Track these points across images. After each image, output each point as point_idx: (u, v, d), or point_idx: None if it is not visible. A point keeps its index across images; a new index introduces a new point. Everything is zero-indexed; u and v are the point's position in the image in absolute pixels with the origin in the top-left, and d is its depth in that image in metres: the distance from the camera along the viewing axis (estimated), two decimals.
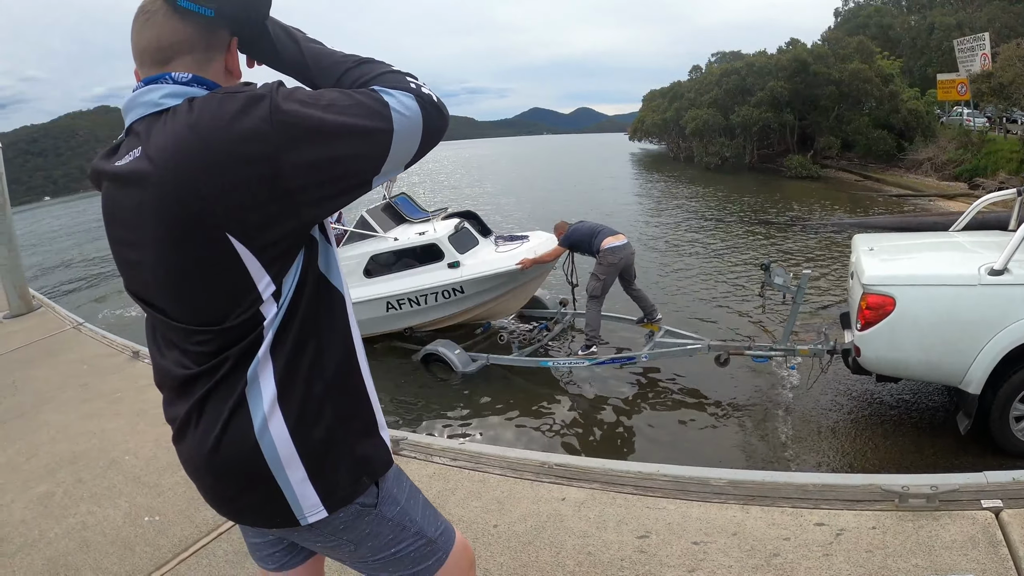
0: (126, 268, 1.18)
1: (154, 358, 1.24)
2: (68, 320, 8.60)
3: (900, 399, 5.94)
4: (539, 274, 8.56)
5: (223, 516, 1.34)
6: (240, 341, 1.09)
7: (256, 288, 1.06)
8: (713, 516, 2.74)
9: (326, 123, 1.00)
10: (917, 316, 4.48)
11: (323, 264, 1.16)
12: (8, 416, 5.15)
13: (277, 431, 1.11)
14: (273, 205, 1.01)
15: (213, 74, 1.14)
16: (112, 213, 1.15)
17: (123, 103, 1.14)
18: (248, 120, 0.98)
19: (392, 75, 1.11)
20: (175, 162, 1.00)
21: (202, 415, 1.13)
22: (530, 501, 3.03)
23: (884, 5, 49.88)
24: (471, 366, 7.37)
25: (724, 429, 5.90)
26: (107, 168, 1.12)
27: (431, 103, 1.09)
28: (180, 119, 1.02)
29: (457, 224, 8.65)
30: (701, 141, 38.16)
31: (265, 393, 1.10)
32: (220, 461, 1.14)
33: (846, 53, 33.30)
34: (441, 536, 1.40)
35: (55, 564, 3.01)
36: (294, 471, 1.13)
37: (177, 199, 1.01)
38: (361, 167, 1.06)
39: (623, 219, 18.89)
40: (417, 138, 1.09)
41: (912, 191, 22.89)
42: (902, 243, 5.97)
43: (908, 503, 2.64)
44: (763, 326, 8.50)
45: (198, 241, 1.02)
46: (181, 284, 1.08)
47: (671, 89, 49.58)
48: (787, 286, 5.96)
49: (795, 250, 13.78)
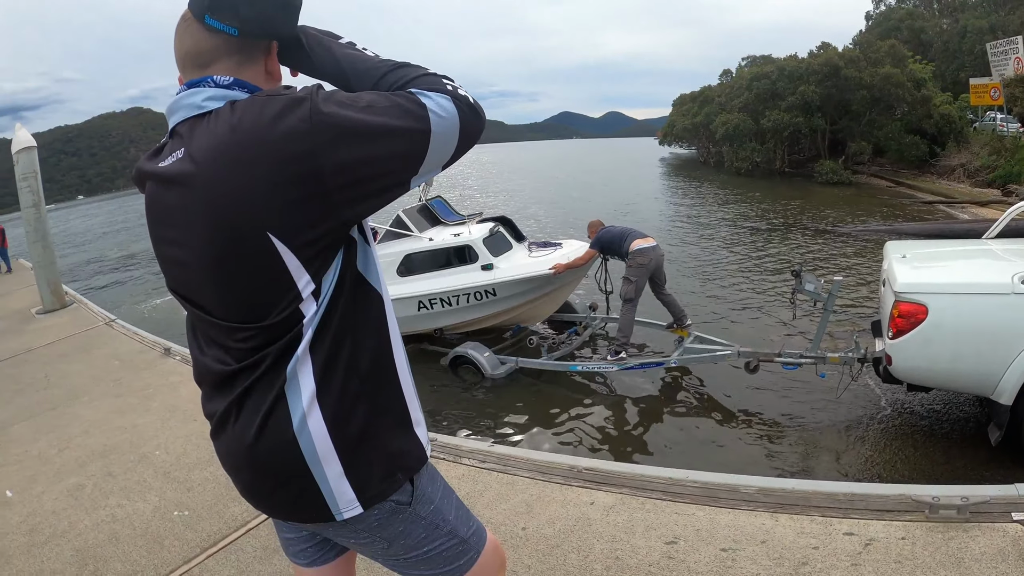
0: (169, 266, 1.20)
1: (194, 355, 1.26)
2: (100, 316, 8.77)
3: (931, 409, 5.84)
4: (572, 280, 8.51)
5: (259, 510, 1.36)
6: (280, 338, 1.10)
7: (296, 286, 1.07)
8: (742, 523, 2.71)
9: (365, 124, 1.02)
10: (949, 325, 4.40)
11: (361, 264, 1.18)
12: (40, 409, 5.27)
13: (315, 426, 1.12)
14: (313, 205, 1.03)
15: (252, 76, 1.16)
16: (156, 212, 1.17)
17: (166, 106, 1.17)
18: (289, 122, 1.00)
19: (429, 78, 1.12)
20: (218, 163, 1.03)
21: (241, 410, 1.15)
22: (558, 504, 3.02)
23: (916, 8, 49.10)
24: (500, 369, 7.36)
25: (753, 436, 5.83)
26: (151, 169, 1.15)
27: (467, 105, 1.10)
28: (222, 121, 1.05)
29: (492, 228, 8.64)
30: (731, 146, 37.79)
31: (304, 389, 1.11)
32: (258, 455, 1.15)
33: (878, 57, 32.81)
34: (473, 536, 1.40)
35: (84, 555, 3.06)
36: (331, 466, 1.15)
37: (219, 199, 1.03)
38: (399, 167, 1.07)
39: (654, 224, 18.84)
40: (454, 139, 1.10)
41: (944, 197, 22.47)
42: (935, 250, 5.87)
43: (938, 514, 2.59)
44: (794, 333, 8.41)
45: (240, 240, 1.04)
46: (223, 282, 1.10)
47: (701, 93, 49.23)
48: (818, 293, 5.89)
49: (826, 256, 13.61)
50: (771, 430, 5.89)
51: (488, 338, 8.59)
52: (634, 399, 6.87)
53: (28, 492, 3.82)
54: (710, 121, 40.79)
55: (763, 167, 36.38)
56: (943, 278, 4.68)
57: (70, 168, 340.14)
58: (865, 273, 11.57)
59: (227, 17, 1.08)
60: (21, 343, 7.86)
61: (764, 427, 5.96)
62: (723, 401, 6.57)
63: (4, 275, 16.55)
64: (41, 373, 6.37)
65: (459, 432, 6.35)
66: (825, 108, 33.76)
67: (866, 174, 31.25)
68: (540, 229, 19.34)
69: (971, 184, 24.65)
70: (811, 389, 6.47)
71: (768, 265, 13.14)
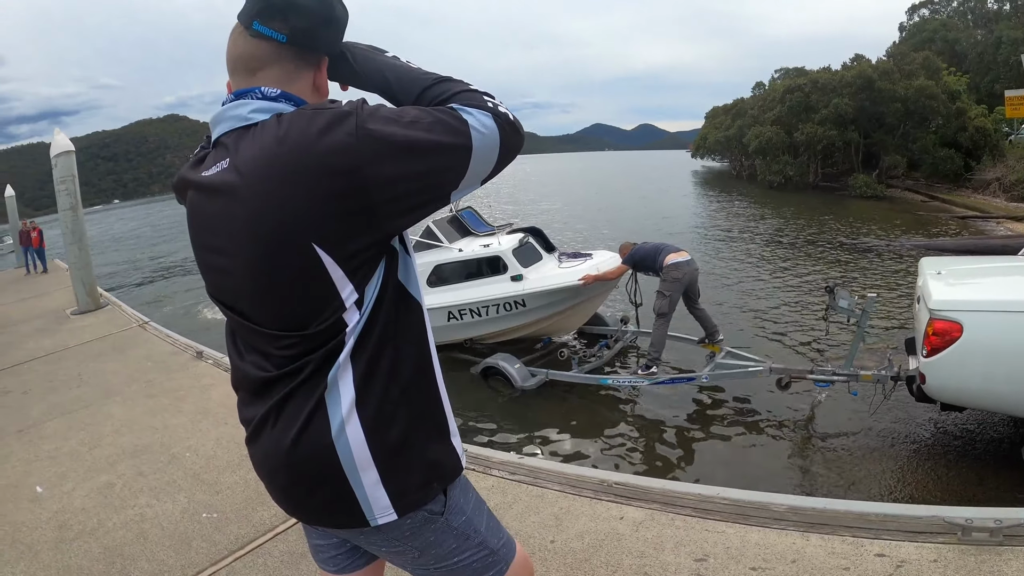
0: (211, 274, 1.22)
1: (233, 361, 1.28)
2: (134, 318, 8.93)
3: (964, 429, 5.73)
4: (601, 292, 8.50)
5: (292, 516, 1.37)
6: (322, 347, 1.11)
7: (340, 296, 1.08)
8: (772, 542, 2.67)
9: (409, 140, 1.03)
10: (985, 343, 4.32)
11: (402, 274, 1.19)
12: (75, 406, 5.37)
13: (354, 434, 1.13)
14: (357, 217, 1.04)
15: (300, 89, 1.18)
16: (199, 221, 1.20)
17: (211, 116, 1.20)
18: (335, 135, 1.02)
19: (470, 94, 1.13)
20: (263, 174, 1.04)
21: (280, 416, 1.16)
22: (588, 518, 3.00)
23: (949, 19, 48.18)
24: (530, 381, 7.35)
25: (784, 453, 5.77)
26: (194, 178, 1.17)
27: (507, 121, 1.12)
28: (269, 133, 1.06)
29: (522, 239, 8.65)
30: (764, 159, 37.50)
31: (344, 397, 1.12)
32: (295, 460, 1.16)
33: (911, 69, 32.41)
34: (503, 547, 1.40)
35: (112, 553, 3.10)
36: (367, 474, 1.15)
37: (265, 210, 1.05)
38: (440, 182, 1.09)
39: (686, 238, 18.85)
40: (494, 155, 1.12)
41: (980, 212, 22.09)
42: (970, 267, 5.78)
43: (971, 536, 2.53)
44: (826, 350, 8.29)
45: (285, 251, 1.06)
46: (267, 291, 1.11)
47: (734, 106, 49.02)
48: (852, 310, 5.82)
49: (859, 272, 13.45)
50: (802, 448, 5.83)
51: (519, 348, 8.59)
52: (664, 414, 6.83)
53: (58, 488, 3.88)
54: (743, 134, 40.58)
55: (796, 181, 36.05)
56: (978, 295, 4.61)
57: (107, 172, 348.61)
58: (899, 289, 11.41)
59: (276, 24, 1.10)
60: (56, 342, 8.02)
61: (795, 444, 5.90)
62: (753, 418, 6.51)
63: (40, 275, 16.93)
64: (75, 372, 6.49)
65: (489, 443, 6.35)
66: (859, 121, 33.40)
67: (900, 188, 30.87)
68: (573, 240, 19.37)
69: (1007, 199, 24.22)
70: (843, 407, 6.38)
71: (801, 280, 13.03)
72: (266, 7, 1.10)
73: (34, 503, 3.73)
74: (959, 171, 29.58)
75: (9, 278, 17.62)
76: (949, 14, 49.51)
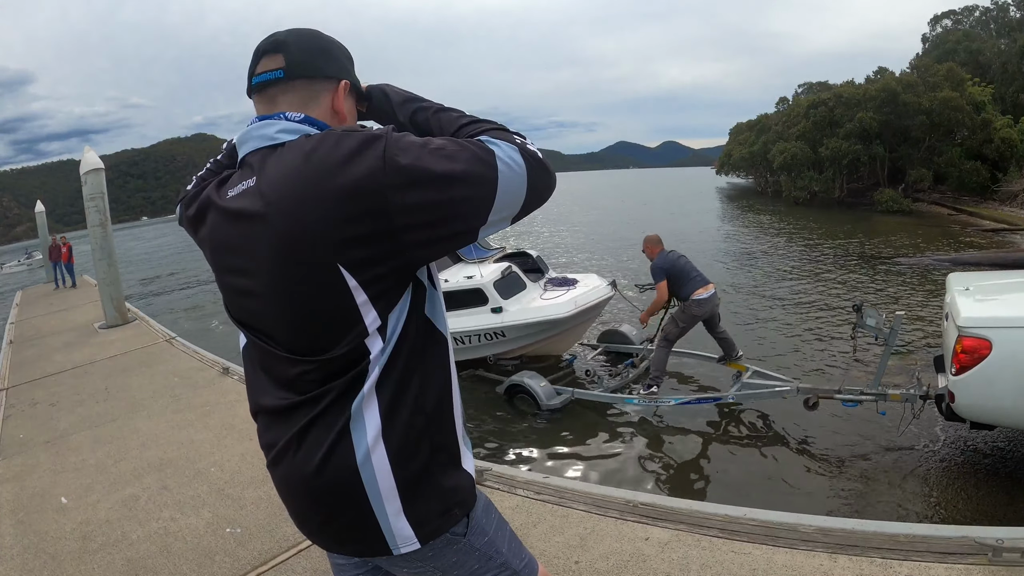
0: (233, 295, 1.22)
1: (251, 385, 1.28)
2: (161, 333, 9.05)
3: (994, 447, 5.62)
4: (587, 320, 8.77)
5: (313, 543, 1.37)
6: (344, 374, 1.11)
7: (363, 321, 1.08)
8: (800, 564, 2.62)
9: (435, 167, 1.03)
10: (1014, 360, 4.24)
11: (429, 309, 1.20)
12: (101, 420, 5.44)
13: (379, 463, 1.13)
14: (381, 242, 1.04)
15: (320, 114, 1.20)
16: (221, 242, 1.20)
17: (236, 136, 1.22)
18: (363, 159, 1.02)
19: (500, 131, 1.15)
20: (289, 195, 1.05)
21: (303, 443, 1.15)
22: (613, 539, 2.97)
23: (972, 29, 47.52)
24: (556, 400, 7.33)
25: (811, 473, 5.68)
26: (219, 199, 1.18)
27: (535, 159, 1.12)
28: (295, 154, 1.08)
29: (504, 269, 8.87)
30: (789, 175, 37.24)
31: (369, 427, 1.12)
32: (319, 488, 1.16)
33: (936, 81, 32.04)
34: (525, 568, 1.38)
35: (135, 565, 3.12)
36: (391, 503, 1.15)
37: (290, 231, 1.05)
38: (466, 211, 1.08)
39: (711, 256, 18.83)
40: (522, 191, 1.11)
41: (1008, 225, 21.71)
42: (999, 282, 5.69)
43: (1002, 557, 2.47)
44: (853, 368, 8.17)
45: (310, 272, 1.06)
46: (290, 312, 1.12)
47: (758, 122, 48.82)
48: (879, 328, 5.72)
49: (887, 289, 13.29)
50: (829, 467, 5.73)
51: (544, 366, 8.63)
52: (690, 433, 6.77)
53: (83, 500, 3.93)
54: (767, 150, 40.37)
55: (821, 196, 35.76)
56: (1008, 312, 4.53)
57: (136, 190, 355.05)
58: (927, 306, 11.23)
59: (270, 65, 1.17)
60: (84, 355, 8.16)
61: (822, 464, 5.81)
62: (781, 437, 6.44)
63: (69, 290, 17.24)
64: (102, 385, 6.58)
65: (514, 462, 6.33)
66: (884, 135, 33.09)
67: (926, 202, 30.48)
68: (589, 260, 19.37)
69: None
70: (871, 426, 6.27)
71: (827, 298, 12.88)
72: (258, 58, 1.18)
73: (59, 513, 3.78)
74: (985, 183, 29.14)
75: (39, 292, 18.00)
76: (972, 24, 48.89)
